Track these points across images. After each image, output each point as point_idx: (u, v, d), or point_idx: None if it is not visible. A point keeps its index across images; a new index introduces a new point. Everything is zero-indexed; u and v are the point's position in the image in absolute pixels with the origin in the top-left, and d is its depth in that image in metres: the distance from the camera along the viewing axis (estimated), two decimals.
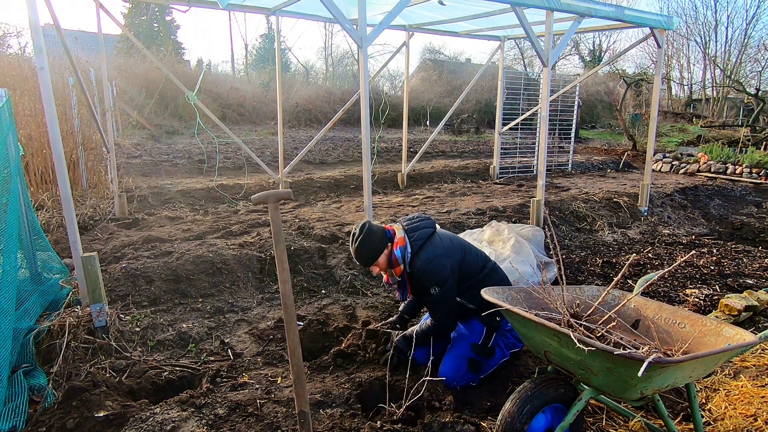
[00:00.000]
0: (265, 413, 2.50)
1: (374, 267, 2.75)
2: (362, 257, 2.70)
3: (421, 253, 2.70)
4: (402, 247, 2.70)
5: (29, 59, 9.36)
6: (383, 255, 2.69)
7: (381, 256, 2.69)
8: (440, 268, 2.68)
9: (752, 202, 8.37)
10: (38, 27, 2.91)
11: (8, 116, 3.08)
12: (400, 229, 2.78)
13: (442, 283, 2.67)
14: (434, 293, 2.67)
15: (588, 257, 5.19)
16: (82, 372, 2.77)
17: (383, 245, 2.69)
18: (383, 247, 2.69)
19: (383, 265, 2.73)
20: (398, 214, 6.01)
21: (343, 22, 4.15)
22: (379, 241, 2.67)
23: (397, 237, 2.73)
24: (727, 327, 1.99)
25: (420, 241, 2.73)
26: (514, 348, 3.01)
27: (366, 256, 2.69)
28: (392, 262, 2.71)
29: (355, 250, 2.68)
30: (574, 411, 1.91)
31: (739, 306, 3.57)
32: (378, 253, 2.68)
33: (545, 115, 5.47)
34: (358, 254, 2.69)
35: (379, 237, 2.68)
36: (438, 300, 2.69)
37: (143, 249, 4.50)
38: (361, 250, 2.66)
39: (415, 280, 2.74)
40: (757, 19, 31.39)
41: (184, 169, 9.81)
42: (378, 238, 2.67)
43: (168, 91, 15.06)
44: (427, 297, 2.72)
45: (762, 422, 2.37)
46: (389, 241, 2.72)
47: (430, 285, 2.66)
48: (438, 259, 2.69)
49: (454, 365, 2.73)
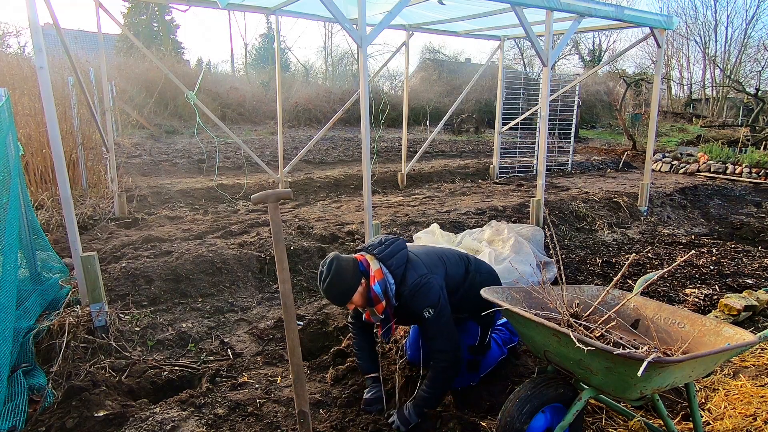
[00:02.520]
0: (265, 413, 2.50)
1: (349, 305, 2.43)
2: (334, 297, 2.38)
3: (406, 279, 2.42)
4: (381, 281, 2.39)
5: (29, 59, 9.37)
6: (357, 293, 2.36)
7: (355, 294, 2.36)
8: (430, 286, 2.42)
9: (752, 201, 8.38)
10: (38, 26, 2.91)
11: (8, 116, 3.08)
12: (372, 259, 2.44)
13: (435, 303, 2.39)
14: (430, 316, 2.37)
15: (588, 257, 5.19)
16: (82, 371, 2.77)
17: (356, 281, 2.36)
18: (357, 284, 2.36)
19: (360, 302, 2.41)
20: (398, 214, 6.01)
21: (343, 21, 4.15)
22: (351, 278, 2.34)
23: (372, 270, 2.40)
24: (726, 327, 1.99)
25: (401, 269, 2.44)
26: (511, 343, 2.97)
27: (338, 296, 2.37)
28: (371, 299, 2.39)
29: (324, 290, 2.34)
30: (574, 410, 1.91)
31: (739, 306, 3.57)
32: (352, 290, 2.35)
33: (545, 114, 5.47)
34: (328, 294, 2.36)
35: (350, 273, 2.34)
36: (435, 323, 2.39)
37: (143, 249, 4.49)
38: (332, 290, 2.33)
39: (405, 308, 2.45)
40: (757, 19, 31.41)
41: (184, 169, 9.81)
42: (350, 275, 2.34)
43: (168, 91, 15.05)
44: (422, 324, 2.43)
45: (761, 422, 2.37)
46: (363, 275, 2.39)
47: (423, 308, 2.37)
48: (425, 277, 2.43)
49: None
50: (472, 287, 2.55)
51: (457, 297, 2.58)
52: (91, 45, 18.31)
